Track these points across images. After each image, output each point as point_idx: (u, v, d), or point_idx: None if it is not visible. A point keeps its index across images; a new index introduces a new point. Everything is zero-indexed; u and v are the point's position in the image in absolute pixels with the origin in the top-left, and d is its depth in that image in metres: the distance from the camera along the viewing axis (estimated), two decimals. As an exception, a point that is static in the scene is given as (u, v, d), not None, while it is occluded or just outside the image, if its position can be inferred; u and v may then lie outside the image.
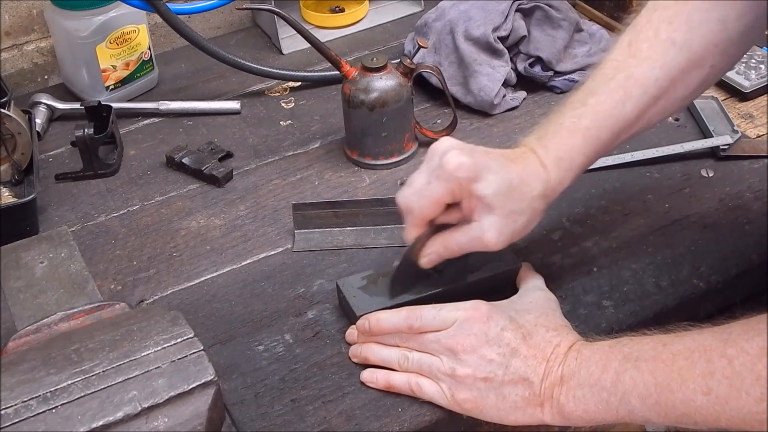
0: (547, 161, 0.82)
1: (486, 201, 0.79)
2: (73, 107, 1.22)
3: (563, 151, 0.83)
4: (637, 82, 0.83)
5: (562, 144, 0.83)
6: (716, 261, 0.93)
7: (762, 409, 0.63)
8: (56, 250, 0.88)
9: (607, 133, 0.84)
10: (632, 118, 0.84)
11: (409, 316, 0.81)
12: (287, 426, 0.80)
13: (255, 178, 1.11)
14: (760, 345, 0.64)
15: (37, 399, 0.66)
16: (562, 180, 0.83)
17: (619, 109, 0.83)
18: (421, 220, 0.83)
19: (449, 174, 0.79)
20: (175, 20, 1.18)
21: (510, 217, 0.81)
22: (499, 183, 0.79)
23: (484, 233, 0.80)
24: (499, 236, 0.81)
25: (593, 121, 0.83)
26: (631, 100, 0.83)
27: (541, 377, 0.76)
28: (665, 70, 0.83)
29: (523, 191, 0.81)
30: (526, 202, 0.81)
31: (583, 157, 0.84)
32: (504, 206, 0.80)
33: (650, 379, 0.70)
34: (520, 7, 1.19)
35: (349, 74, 1.09)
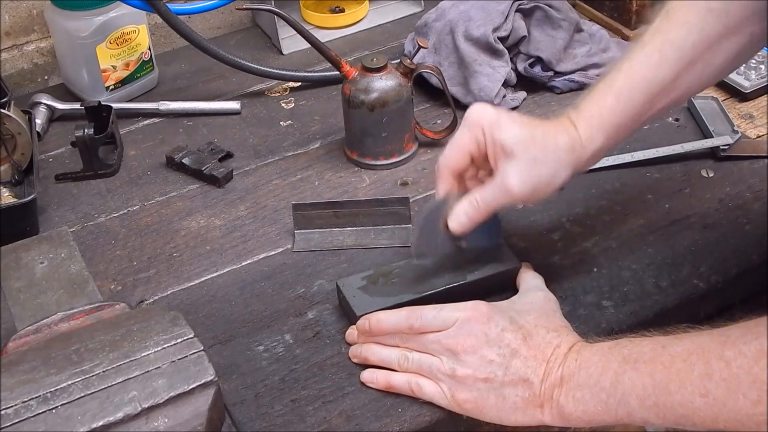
0: (577, 120, 0.83)
1: (507, 147, 0.81)
2: (73, 107, 1.22)
3: (594, 110, 0.83)
4: (673, 45, 0.83)
5: (593, 104, 0.84)
6: (716, 261, 0.93)
7: (759, 411, 0.63)
8: (56, 251, 0.88)
9: (641, 95, 0.83)
10: (668, 81, 0.83)
11: (409, 316, 0.81)
12: (287, 426, 0.80)
13: (255, 178, 1.11)
14: (757, 348, 0.64)
15: (37, 399, 0.67)
16: (592, 137, 0.83)
17: (654, 72, 0.83)
18: (447, 171, 0.85)
19: (472, 121, 0.83)
20: (175, 20, 1.18)
21: (532, 164, 0.81)
22: (520, 130, 0.81)
23: (506, 179, 0.81)
24: (522, 182, 0.81)
25: (626, 82, 0.83)
26: (667, 64, 0.83)
27: (541, 378, 0.76)
28: (702, 36, 0.83)
29: (547, 141, 0.82)
30: (550, 151, 0.81)
31: (615, 117, 0.83)
32: (526, 152, 0.81)
33: (649, 380, 0.70)
34: (520, 7, 1.19)
35: (349, 74, 1.09)
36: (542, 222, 1.00)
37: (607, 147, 0.85)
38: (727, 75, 1.02)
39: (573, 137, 0.83)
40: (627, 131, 0.85)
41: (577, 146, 0.82)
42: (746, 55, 0.88)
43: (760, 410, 0.63)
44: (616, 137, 0.85)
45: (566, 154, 0.82)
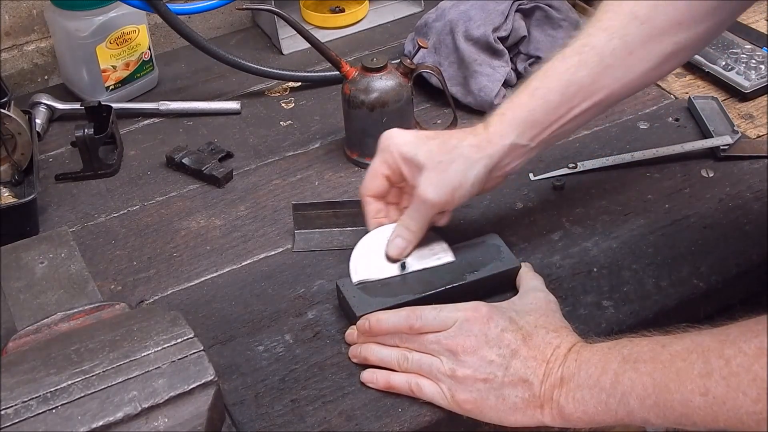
0: (489, 120, 0.87)
1: (415, 161, 0.86)
2: (73, 107, 1.22)
3: (506, 108, 0.87)
4: (593, 49, 0.85)
5: (507, 103, 0.87)
6: (716, 261, 0.93)
7: (759, 409, 0.63)
8: (56, 251, 0.88)
9: (556, 94, 0.85)
10: (586, 83, 0.85)
11: (409, 317, 0.81)
12: (287, 426, 0.80)
13: (255, 178, 1.11)
14: (757, 346, 0.64)
15: (37, 399, 0.67)
16: (503, 133, 0.86)
17: (572, 73, 0.85)
18: (366, 196, 0.90)
19: (382, 147, 0.89)
20: (175, 20, 1.18)
21: (440, 169, 0.85)
22: (424, 143, 0.86)
23: (421, 191, 0.86)
24: (435, 189, 0.85)
25: (542, 82, 0.86)
26: (585, 66, 0.85)
27: (541, 379, 0.76)
28: (624, 41, 0.84)
29: (450, 143, 0.86)
30: (456, 151, 0.85)
31: (528, 113, 0.86)
32: (432, 160, 0.85)
33: (648, 380, 0.70)
34: (520, 7, 1.19)
35: (349, 74, 1.09)
36: (542, 222, 1.00)
37: (528, 143, 0.87)
38: (655, 81, 1.03)
39: (479, 134, 0.86)
40: (546, 131, 0.87)
41: (484, 142, 0.85)
42: (671, 65, 0.89)
43: (760, 408, 0.63)
44: (532, 133, 0.86)
45: (472, 151, 0.85)
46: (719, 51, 1.21)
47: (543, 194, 1.04)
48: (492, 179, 0.88)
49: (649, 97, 1.18)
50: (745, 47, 1.22)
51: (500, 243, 0.93)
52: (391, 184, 0.90)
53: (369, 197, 0.91)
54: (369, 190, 0.90)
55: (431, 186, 0.85)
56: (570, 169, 1.06)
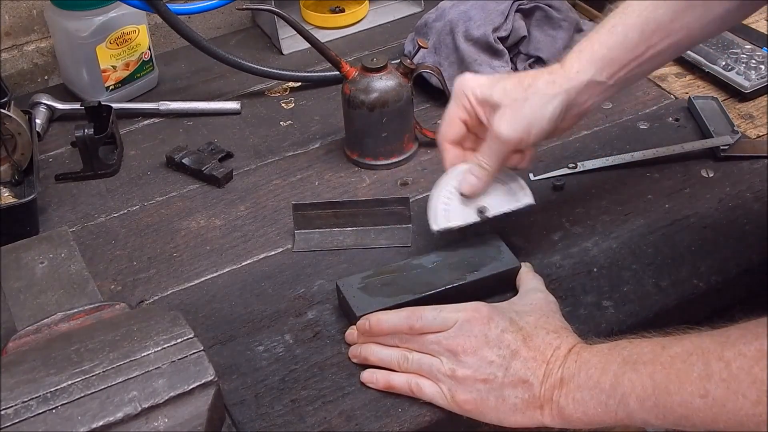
0: (566, 57, 0.85)
1: (491, 101, 0.85)
2: (73, 107, 1.22)
3: (584, 45, 0.85)
4: None
5: (584, 40, 0.85)
6: (716, 261, 0.93)
7: (759, 411, 0.63)
8: (56, 251, 0.88)
9: (635, 32, 0.84)
10: (665, 21, 0.83)
11: (409, 317, 0.81)
12: (287, 426, 0.80)
13: (255, 178, 1.11)
14: (757, 348, 0.64)
15: (37, 399, 0.66)
16: (580, 69, 0.84)
17: (651, 10, 0.83)
18: (444, 142, 0.89)
19: (457, 92, 0.88)
20: (175, 20, 1.18)
21: (515, 105, 0.84)
22: (499, 83, 0.85)
23: (495, 128, 0.84)
24: (510, 125, 0.84)
25: (621, 19, 0.85)
26: (664, 4, 0.83)
27: (541, 379, 0.76)
28: None
29: (525, 81, 0.85)
30: (531, 88, 0.84)
31: (607, 50, 0.84)
32: (508, 97, 0.84)
33: (648, 381, 0.69)
34: (520, 7, 1.19)
35: (349, 74, 1.09)
36: (542, 222, 1.00)
37: (606, 80, 0.85)
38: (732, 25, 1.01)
39: (555, 72, 0.85)
40: (625, 69, 0.85)
41: (561, 78, 0.84)
42: (750, 8, 0.87)
43: (760, 410, 0.63)
44: (611, 70, 0.85)
45: (549, 87, 0.84)
46: (719, 51, 1.21)
47: (543, 194, 1.04)
48: (568, 117, 0.87)
49: (649, 97, 1.19)
50: (745, 47, 1.22)
51: (500, 243, 0.93)
52: (467, 129, 0.89)
53: (447, 143, 0.90)
54: (446, 135, 0.89)
55: (506, 122, 0.84)
56: (570, 169, 1.06)
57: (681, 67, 1.24)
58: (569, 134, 1.13)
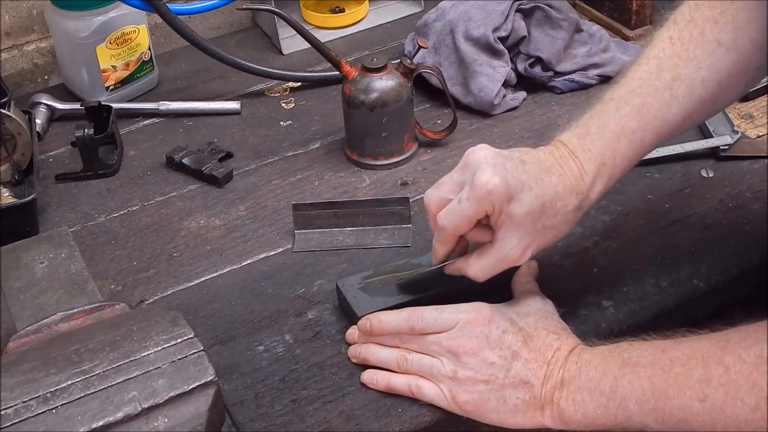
0: (589, 169, 0.79)
1: (517, 220, 0.77)
2: (73, 107, 1.22)
3: (607, 157, 0.79)
4: (683, 83, 0.79)
5: (606, 148, 0.79)
6: (716, 261, 0.93)
7: (757, 417, 0.63)
8: (56, 251, 0.88)
9: (651, 136, 0.81)
10: (677, 120, 0.81)
11: (410, 318, 0.81)
12: (287, 426, 0.80)
13: (255, 178, 1.11)
14: (757, 354, 0.64)
15: (37, 399, 0.67)
16: (601, 188, 0.81)
17: (665, 112, 0.80)
18: (453, 237, 0.81)
19: (482, 196, 0.76)
20: (175, 20, 1.18)
21: (540, 233, 0.79)
22: (532, 202, 0.77)
23: (510, 251, 0.79)
24: (527, 252, 0.79)
25: (639, 124, 0.80)
26: (677, 102, 0.80)
27: (542, 381, 0.76)
28: (712, 71, 0.79)
29: (557, 206, 0.78)
30: (560, 216, 0.79)
31: (626, 162, 0.81)
32: (535, 223, 0.78)
33: (648, 384, 0.69)
34: (520, 7, 1.19)
35: (349, 74, 1.09)
36: (542, 222, 1.00)
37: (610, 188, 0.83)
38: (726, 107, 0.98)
39: (582, 196, 0.79)
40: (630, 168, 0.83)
41: (585, 203, 0.80)
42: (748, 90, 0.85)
43: (759, 416, 0.63)
44: (620, 177, 0.82)
45: (574, 215, 0.80)
46: (719, 51, 1.21)
47: (543, 194, 1.04)
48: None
49: (649, 97, 1.18)
50: (745, 47, 1.22)
51: None
52: None
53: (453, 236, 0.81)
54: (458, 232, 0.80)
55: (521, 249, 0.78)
56: (570, 169, 1.06)
57: (681, 67, 1.23)
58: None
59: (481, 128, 1.16)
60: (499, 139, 1.13)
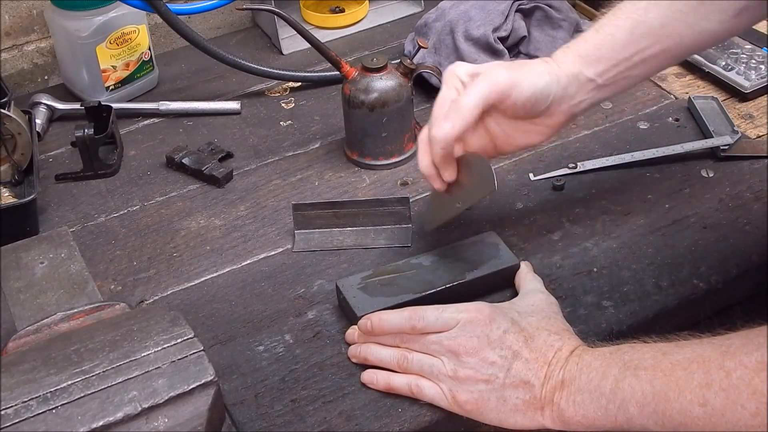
0: (555, 53, 0.86)
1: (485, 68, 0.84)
2: (73, 107, 1.22)
3: (572, 42, 0.87)
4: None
5: (573, 40, 0.87)
6: (716, 261, 0.93)
7: (758, 423, 0.63)
8: (56, 251, 0.88)
9: (623, 32, 0.85)
10: (656, 25, 0.84)
11: (411, 317, 0.81)
12: (287, 426, 0.80)
13: (255, 178, 1.11)
14: (758, 359, 0.64)
15: (37, 399, 0.66)
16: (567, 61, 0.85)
17: (641, 13, 0.84)
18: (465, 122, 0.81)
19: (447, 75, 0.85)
20: (175, 20, 1.18)
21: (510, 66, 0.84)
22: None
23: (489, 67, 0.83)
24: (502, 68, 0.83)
25: (609, 19, 0.86)
26: (656, 8, 0.84)
27: (542, 381, 0.76)
28: None
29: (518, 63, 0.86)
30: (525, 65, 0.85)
31: (593, 47, 0.85)
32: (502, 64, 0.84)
33: (648, 387, 0.69)
34: (520, 7, 1.19)
35: (349, 74, 1.09)
36: (542, 222, 1.00)
37: (595, 76, 0.86)
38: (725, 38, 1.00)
39: (547, 62, 0.86)
40: (614, 69, 0.86)
41: (551, 66, 0.85)
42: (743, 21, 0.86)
43: (759, 422, 0.63)
44: (598, 68, 0.85)
45: (541, 67, 0.84)
46: (719, 51, 1.21)
47: (543, 194, 1.04)
48: (558, 112, 0.86)
49: (649, 97, 1.18)
50: (745, 47, 1.22)
51: (498, 241, 0.93)
52: None
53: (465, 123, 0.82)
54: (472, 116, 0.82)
55: (501, 69, 0.83)
56: (570, 169, 1.06)
57: (681, 67, 1.24)
58: (569, 134, 1.13)
59: (481, 128, 1.16)
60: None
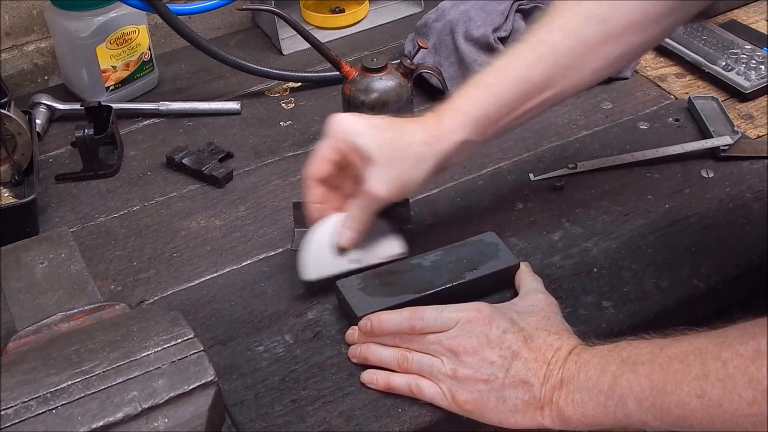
0: (442, 113, 0.86)
1: (366, 154, 0.84)
2: (73, 108, 1.22)
3: (459, 103, 0.87)
4: (549, 47, 0.86)
5: (461, 98, 0.87)
6: (716, 261, 0.93)
7: (754, 411, 0.63)
8: (56, 251, 0.88)
9: (510, 91, 0.86)
10: (539, 81, 0.86)
11: (411, 317, 0.81)
12: (287, 426, 0.80)
13: (255, 178, 1.11)
14: (754, 348, 0.64)
15: (37, 399, 0.67)
16: (455, 129, 0.86)
17: (527, 71, 0.86)
18: (310, 179, 0.88)
19: (333, 131, 0.87)
20: (175, 21, 1.18)
21: (391, 165, 0.85)
22: (378, 134, 0.85)
23: (370, 186, 0.85)
24: (385, 185, 0.85)
25: (497, 78, 0.87)
26: (540, 64, 0.86)
27: (542, 380, 0.76)
28: (580, 40, 0.85)
29: (403, 139, 0.85)
30: (407, 148, 0.85)
31: (480, 110, 0.86)
32: (384, 155, 0.84)
33: (646, 382, 0.69)
34: (521, 7, 1.19)
35: (350, 75, 1.09)
36: (542, 222, 1.00)
37: (479, 138, 0.87)
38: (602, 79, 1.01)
39: (431, 130, 0.86)
40: (497, 126, 0.88)
41: (435, 140, 0.86)
42: (620, 65, 0.91)
43: (756, 410, 0.63)
44: (484, 129, 0.87)
45: (424, 148, 0.85)
46: (719, 51, 1.21)
47: (543, 194, 1.04)
48: (438, 171, 0.88)
49: (649, 98, 1.19)
50: (745, 47, 1.22)
51: (498, 241, 0.93)
52: (336, 170, 0.89)
53: (312, 180, 0.89)
54: (314, 173, 0.88)
55: (381, 182, 0.85)
56: (570, 169, 1.06)
57: (681, 67, 1.24)
58: (569, 134, 1.13)
59: (481, 128, 1.16)
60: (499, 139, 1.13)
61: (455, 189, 1.06)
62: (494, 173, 1.08)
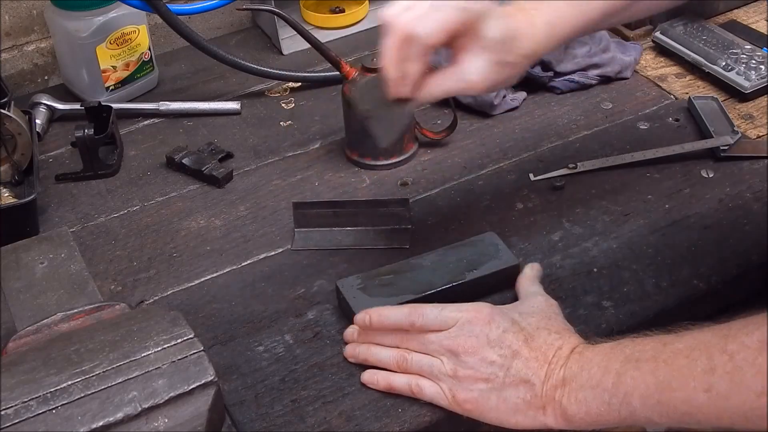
0: (538, 22, 0.82)
1: (484, 43, 0.78)
2: (74, 108, 1.22)
3: (554, 17, 0.83)
4: None
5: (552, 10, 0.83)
6: (716, 261, 0.93)
7: (763, 403, 0.63)
8: (56, 251, 0.88)
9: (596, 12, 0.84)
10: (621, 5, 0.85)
11: (411, 314, 0.81)
12: (287, 426, 0.80)
13: (255, 178, 1.11)
14: (759, 338, 0.64)
15: (37, 399, 0.67)
16: (546, 45, 0.83)
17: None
18: (424, 48, 0.77)
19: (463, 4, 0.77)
20: (175, 21, 1.18)
21: (498, 66, 0.80)
22: (503, 28, 0.79)
23: (471, 75, 0.79)
24: (484, 81, 0.80)
25: None
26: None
27: (543, 379, 0.76)
28: None
29: (516, 44, 0.80)
30: (517, 56, 0.81)
31: (570, 28, 0.84)
32: (498, 53, 0.79)
33: (651, 378, 0.69)
34: (520, 7, 1.19)
35: (350, 75, 1.09)
36: (542, 222, 1.00)
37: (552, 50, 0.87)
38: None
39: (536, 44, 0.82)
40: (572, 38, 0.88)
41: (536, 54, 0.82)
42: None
43: (764, 402, 0.62)
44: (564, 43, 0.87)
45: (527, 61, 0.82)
46: (719, 51, 1.21)
47: (543, 194, 1.04)
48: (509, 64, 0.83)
49: (649, 98, 1.19)
50: (745, 47, 1.22)
51: (498, 241, 0.93)
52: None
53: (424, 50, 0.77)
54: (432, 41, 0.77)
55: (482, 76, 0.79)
56: (570, 169, 1.06)
57: (681, 67, 1.24)
58: (569, 134, 1.13)
59: (481, 128, 1.16)
60: (499, 139, 1.13)
61: (455, 189, 1.06)
62: (494, 173, 1.08)
